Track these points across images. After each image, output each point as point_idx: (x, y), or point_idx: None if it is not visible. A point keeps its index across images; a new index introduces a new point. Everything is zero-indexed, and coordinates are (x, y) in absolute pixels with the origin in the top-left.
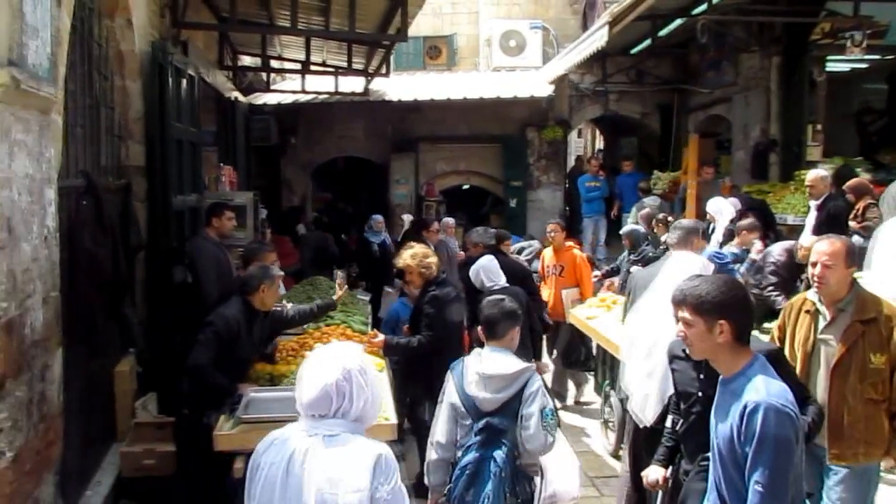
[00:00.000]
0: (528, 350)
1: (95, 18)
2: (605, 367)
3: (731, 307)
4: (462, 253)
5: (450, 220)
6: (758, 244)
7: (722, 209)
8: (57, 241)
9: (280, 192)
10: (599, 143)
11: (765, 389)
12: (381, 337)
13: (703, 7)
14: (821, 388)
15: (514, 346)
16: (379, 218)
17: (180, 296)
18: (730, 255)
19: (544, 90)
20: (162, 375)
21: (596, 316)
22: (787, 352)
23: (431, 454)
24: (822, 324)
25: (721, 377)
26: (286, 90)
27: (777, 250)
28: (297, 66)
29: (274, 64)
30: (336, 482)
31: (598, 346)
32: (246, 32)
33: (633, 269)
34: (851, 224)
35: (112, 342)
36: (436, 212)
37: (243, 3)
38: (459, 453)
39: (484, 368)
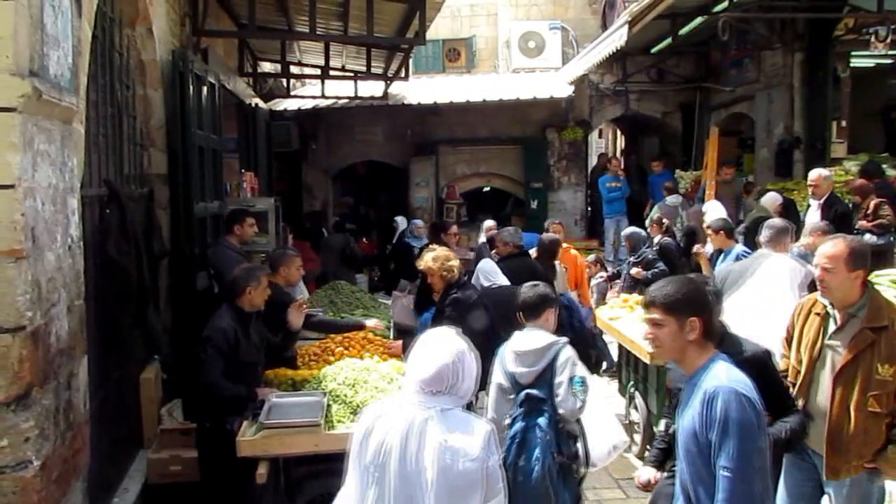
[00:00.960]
0: None
1: (116, 28)
2: (630, 368)
3: (700, 304)
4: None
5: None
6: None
7: (712, 214)
8: (81, 249)
9: (301, 198)
10: (621, 144)
11: (725, 376)
12: (399, 343)
13: (725, 4)
14: (823, 397)
15: (550, 326)
16: (420, 223)
17: (204, 303)
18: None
19: (564, 91)
20: (187, 382)
21: (619, 317)
22: (792, 355)
23: None
24: (831, 328)
25: (687, 377)
26: (306, 96)
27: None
28: (317, 72)
29: (294, 70)
30: (454, 451)
31: (622, 348)
32: (265, 39)
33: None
34: (862, 223)
35: (137, 349)
36: (456, 214)
37: (262, 9)
38: (508, 424)
39: (517, 346)
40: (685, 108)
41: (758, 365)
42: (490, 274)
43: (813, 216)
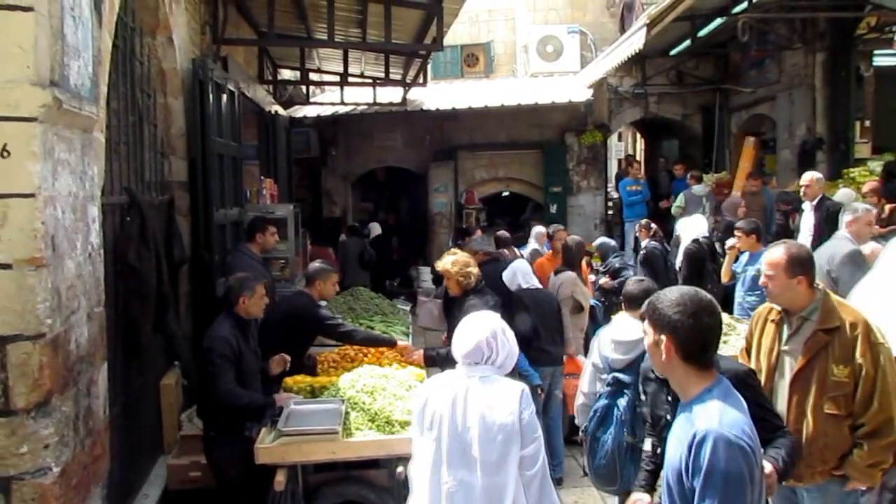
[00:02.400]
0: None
1: (137, 37)
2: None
3: (665, 322)
4: None
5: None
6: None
7: (689, 226)
8: (101, 257)
9: (321, 204)
10: (641, 147)
11: (717, 418)
12: (420, 352)
13: (744, 5)
14: (783, 403)
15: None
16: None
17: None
18: None
19: (582, 95)
20: (199, 391)
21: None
22: (753, 364)
23: (579, 399)
24: (785, 333)
25: (680, 402)
26: (325, 102)
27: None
28: (336, 78)
29: (313, 76)
30: (493, 408)
31: None
32: (284, 46)
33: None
34: (875, 229)
35: (157, 356)
36: (475, 220)
37: (282, 17)
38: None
39: (617, 335)
40: (705, 110)
41: (740, 385)
42: (527, 275)
43: (807, 217)
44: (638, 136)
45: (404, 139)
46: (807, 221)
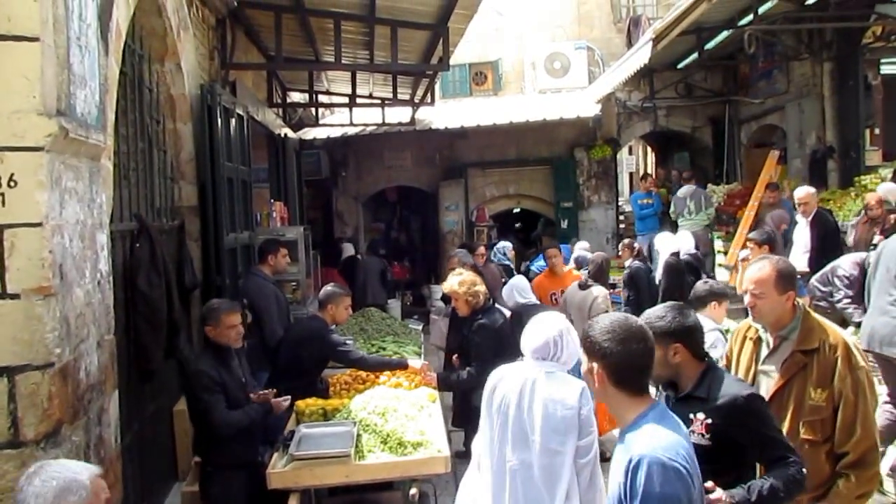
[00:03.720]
0: None
1: (146, 64)
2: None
3: (593, 349)
4: None
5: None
6: None
7: (667, 241)
8: (111, 284)
9: (332, 224)
10: (651, 160)
11: (652, 441)
12: (433, 374)
13: (750, 17)
14: None
15: (716, 315)
16: (509, 245)
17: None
18: None
19: (591, 110)
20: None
21: None
22: None
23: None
24: (763, 352)
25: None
26: (335, 124)
27: (848, 264)
28: (345, 100)
29: (322, 99)
30: (556, 401)
31: None
32: (292, 70)
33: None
34: (878, 238)
35: (170, 381)
36: (487, 237)
37: (290, 41)
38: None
39: None
40: (715, 121)
41: (736, 411)
42: (524, 291)
43: (802, 232)
44: (648, 149)
45: (414, 158)
46: (802, 236)
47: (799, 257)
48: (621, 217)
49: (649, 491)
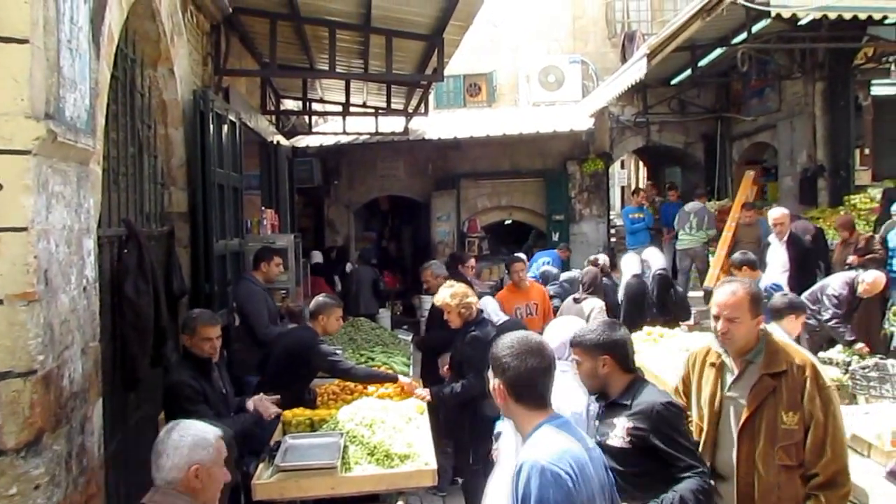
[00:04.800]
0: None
1: (138, 69)
2: None
3: (496, 364)
4: None
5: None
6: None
7: (630, 262)
8: (97, 290)
9: (324, 233)
10: (643, 175)
11: (537, 448)
12: (427, 391)
13: (743, 36)
14: (729, 454)
15: (791, 328)
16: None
17: (225, 340)
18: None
19: (584, 124)
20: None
21: (641, 350)
22: (693, 411)
23: None
24: (728, 378)
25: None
26: (328, 132)
27: (838, 283)
28: (338, 108)
29: (315, 107)
30: (566, 398)
31: None
32: (286, 77)
33: None
34: (852, 258)
35: (157, 389)
36: (478, 248)
37: (284, 48)
38: None
39: None
40: (707, 138)
41: (652, 416)
42: (494, 311)
43: (778, 253)
44: (641, 164)
45: (407, 168)
46: (779, 257)
47: (777, 277)
48: (612, 231)
49: (526, 494)
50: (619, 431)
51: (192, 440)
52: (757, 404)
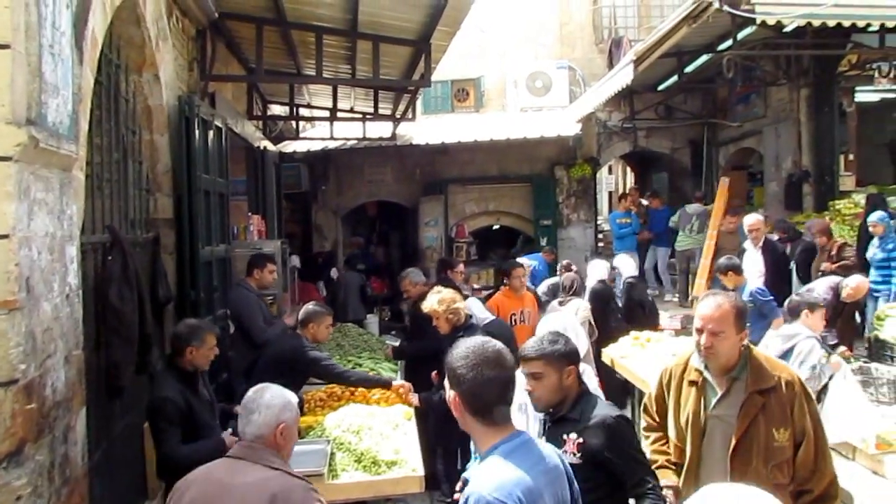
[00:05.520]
0: None
1: (122, 74)
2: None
3: (450, 377)
4: None
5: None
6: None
7: (596, 268)
8: (80, 298)
9: (311, 238)
10: (630, 180)
11: (484, 479)
12: (415, 396)
13: (729, 43)
14: (718, 476)
15: (811, 324)
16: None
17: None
18: None
19: (571, 129)
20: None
21: (628, 355)
22: (671, 431)
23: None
24: (712, 397)
25: None
26: (315, 137)
27: (822, 288)
28: (326, 114)
29: (303, 112)
30: None
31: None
32: (272, 82)
33: None
34: (826, 265)
35: (142, 398)
36: (466, 253)
37: (270, 54)
38: None
39: (780, 331)
40: (694, 143)
41: (604, 431)
42: (479, 311)
43: (754, 259)
44: (628, 169)
45: (394, 173)
46: (755, 263)
47: (753, 282)
48: (600, 235)
49: None
50: (570, 446)
51: (281, 402)
52: (748, 423)
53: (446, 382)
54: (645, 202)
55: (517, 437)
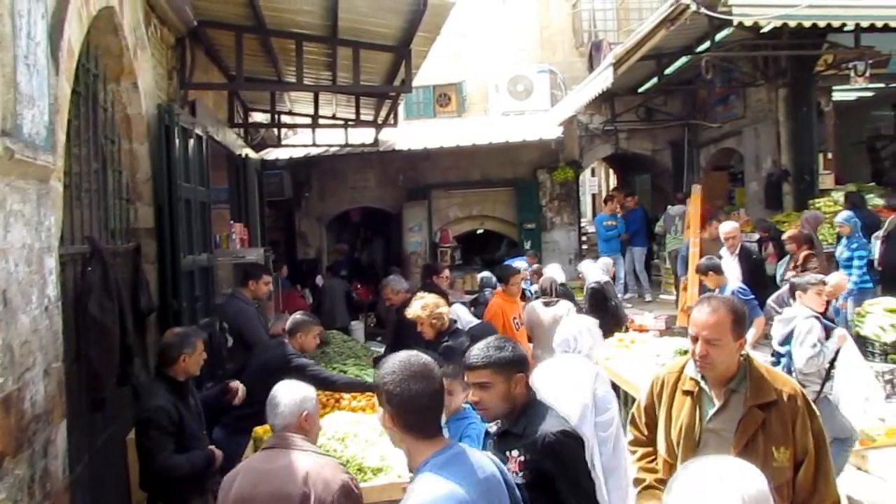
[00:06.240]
0: None
1: (101, 83)
2: (628, 410)
3: (383, 390)
4: None
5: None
6: None
7: (591, 269)
8: (59, 310)
9: (295, 246)
10: (613, 182)
11: (415, 495)
12: None
13: (707, 45)
14: None
15: (812, 303)
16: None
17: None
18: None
19: (553, 132)
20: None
21: (613, 356)
22: (660, 444)
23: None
24: (708, 409)
25: None
26: (297, 144)
27: None
28: (307, 121)
29: (285, 119)
30: (569, 391)
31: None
32: (253, 90)
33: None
34: (789, 274)
35: (125, 409)
36: (450, 257)
37: (251, 61)
38: None
39: (784, 315)
40: (675, 144)
41: (545, 447)
42: (465, 317)
43: (731, 266)
44: (611, 171)
45: (378, 179)
46: (732, 269)
47: (734, 283)
48: (584, 238)
49: None
50: (512, 465)
51: (302, 394)
52: (746, 440)
53: (374, 401)
54: (630, 203)
55: (449, 449)
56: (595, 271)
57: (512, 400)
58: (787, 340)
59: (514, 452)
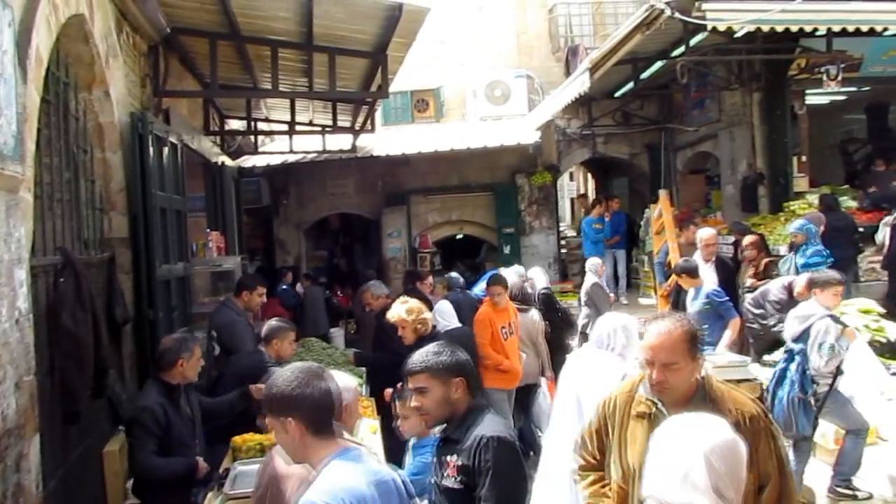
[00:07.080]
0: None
1: (72, 92)
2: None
3: (295, 404)
4: None
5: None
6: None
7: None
8: (31, 322)
9: (274, 253)
10: (591, 185)
11: (318, 483)
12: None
13: (682, 49)
14: None
15: (824, 301)
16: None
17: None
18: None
19: (531, 137)
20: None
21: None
22: (613, 470)
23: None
24: None
25: None
26: (275, 151)
27: (777, 288)
28: (284, 127)
29: (261, 126)
30: (597, 381)
31: None
32: (228, 97)
33: None
34: (750, 281)
35: (100, 421)
36: (430, 263)
37: (226, 68)
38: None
39: (797, 311)
40: (651, 148)
41: (477, 450)
42: (446, 315)
43: (708, 274)
44: (589, 175)
45: (356, 185)
46: (708, 277)
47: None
48: (563, 242)
49: None
50: (450, 470)
51: (343, 384)
52: None
53: (269, 419)
54: (613, 205)
55: (350, 451)
56: (543, 278)
57: (451, 405)
58: (800, 338)
59: (452, 457)
